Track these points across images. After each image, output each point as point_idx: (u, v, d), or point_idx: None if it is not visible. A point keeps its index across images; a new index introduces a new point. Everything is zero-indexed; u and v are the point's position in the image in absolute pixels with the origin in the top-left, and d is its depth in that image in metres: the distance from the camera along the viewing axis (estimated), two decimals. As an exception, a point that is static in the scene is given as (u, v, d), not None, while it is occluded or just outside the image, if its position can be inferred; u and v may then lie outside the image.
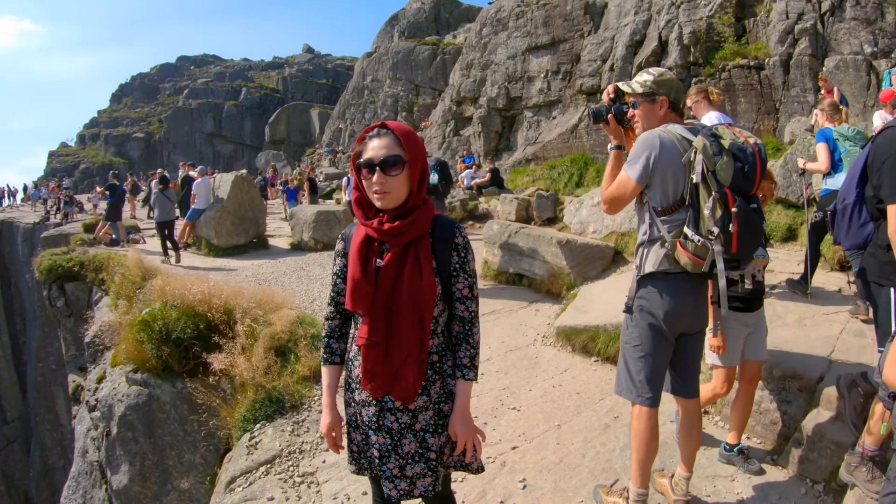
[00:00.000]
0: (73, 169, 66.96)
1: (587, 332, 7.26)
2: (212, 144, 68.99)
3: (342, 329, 2.99)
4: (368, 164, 2.61)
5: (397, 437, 2.71)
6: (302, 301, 10.22)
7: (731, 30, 16.02)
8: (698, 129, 3.51)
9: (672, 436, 4.84)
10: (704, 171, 3.32)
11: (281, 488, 5.27)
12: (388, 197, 2.61)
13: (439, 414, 2.74)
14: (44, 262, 14.78)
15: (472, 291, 2.76)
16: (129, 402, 8.45)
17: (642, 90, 3.70)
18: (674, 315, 3.58)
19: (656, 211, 3.58)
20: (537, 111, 22.25)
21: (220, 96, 72.99)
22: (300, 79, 74.38)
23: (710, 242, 3.31)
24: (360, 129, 41.89)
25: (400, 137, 2.64)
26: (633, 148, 3.62)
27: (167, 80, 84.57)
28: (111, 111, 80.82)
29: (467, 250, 2.76)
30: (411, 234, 2.64)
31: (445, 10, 48.19)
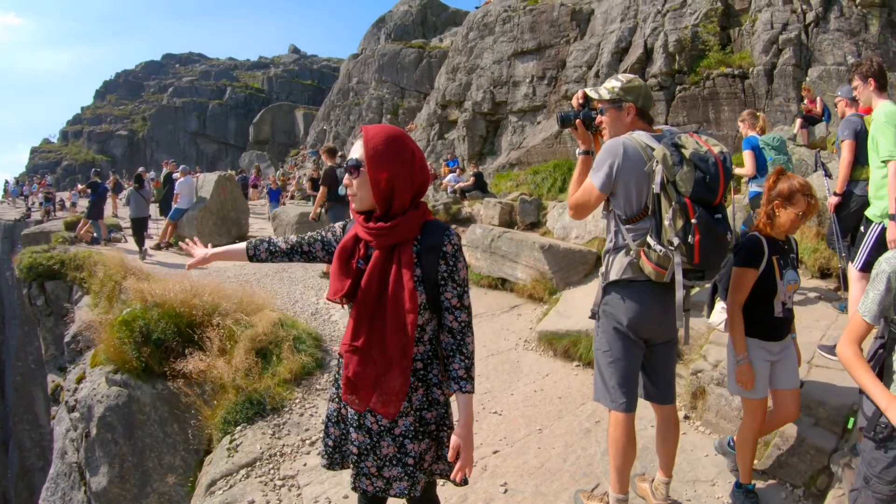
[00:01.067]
0: (56, 166, 66.62)
1: (568, 337, 7.28)
2: (196, 143, 68.75)
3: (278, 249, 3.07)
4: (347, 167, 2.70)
5: (376, 438, 2.71)
6: (284, 303, 10.18)
7: (716, 39, 16.15)
8: (665, 136, 3.50)
9: (653, 440, 4.83)
10: (664, 181, 3.31)
11: (262, 491, 5.25)
12: (356, 199, 2.69)
13: (420, 420, 2.73)
14: (24, 259, 14.66)
15: (461, 301, 2.70)
16: (108, 402, 8.37)
17: (609, 96, 3.71)
18: (637, 322, 3.59)
19: (621, 219, 3.58)
20: (522, 116, 22.32)
21: (205, 95, 72.77)
22: (285, 79, 74.26)
23: (671, 252, 3.31)
24: (344, 130, 41.88)
25: (365, 143, 2.65)
26: (598, 155, 3.63)
27: (152, 77, 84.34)
28: (95, 108, 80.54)
29: (457, 259, 2.70)
30: (393, 238, 2.62)
31: (432, 14, 48.36)
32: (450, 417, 2.87)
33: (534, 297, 9.60)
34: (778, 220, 3.90)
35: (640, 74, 17.26)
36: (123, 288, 10.32)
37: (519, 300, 9.69)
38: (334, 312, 9.74)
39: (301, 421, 6.39)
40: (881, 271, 2.81)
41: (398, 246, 2.63)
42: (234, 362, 7.13)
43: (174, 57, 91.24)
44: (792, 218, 3.83)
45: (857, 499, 2.82)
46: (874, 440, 2.74)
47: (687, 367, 5.64)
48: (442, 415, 2.81)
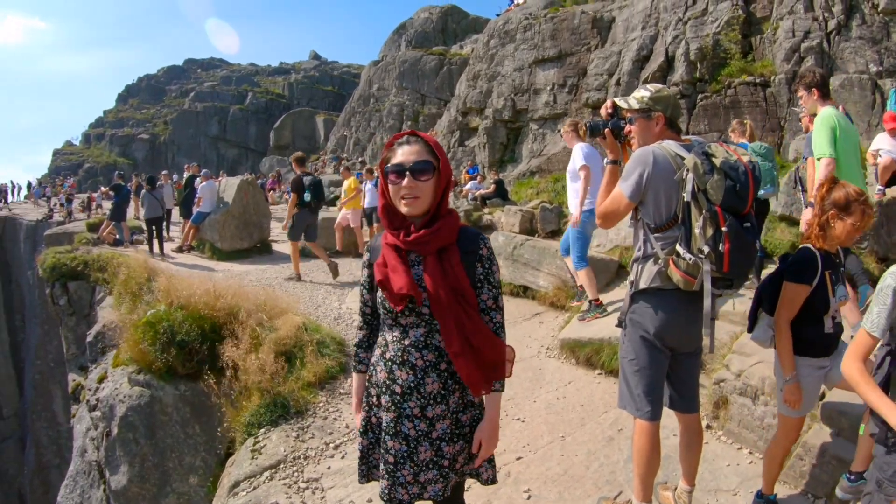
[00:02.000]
0: (78, 168, 67.15)
1: (591, 344, 7.28)
2: (216, 148, 69.00)
3: (370, 339, 3.04)
4: (398, 169, 2.66)
5: (413, 444, 2.73)
6: (306, 307, 10.23)
7: (737, 47, 16.06)
8: (694, 145, 3.52)
9: (676, 449, 4.85)
10: (695, 190, 3.33)
11: (285, 493, 5.30)
12: (416, 203, 2.66)
13: (457, 423, 2.78)
14: (47, 259, 14.82)
15: (496, 303, 2.79)
16: (130, 402, 8.48)
17: (639, 106, 3.74)
18: (664, 330, 3.61)
19: (650, 227, 3.60)
20: (543, 124, 22.26)
21: (226, 100, 73.04)
22: (306, 85, 74.38)
23: (700, 261, 3.32)
24: (365, 136, 41.89)
25: (431, 145, 2.72)
26: (627, 164, 3.65)
27: (174, 82, 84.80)
28: (117, 111, 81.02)
29: (491, 262, 2.79)
30: (437, 244, 2.68)
31: (453, 21, 48.31)
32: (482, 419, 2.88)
33: (556, 305, 9.63)
34: (832, 231, 3.76)
35: (662, 82, 17.16)
36: (147, 289, 10.41)
37: (541, 308, 9.72)
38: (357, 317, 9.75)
39: (325, 424, 6.44)
40: (886, 286, 2.81)
41: (444, 250, 2.70)
42: (259, 364, 7.20)
43: (196, 62, 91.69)
44: (848, 229, 3.70)
45: (870, 502, 2.84)
46: (885, 445, 2.77)
47: (709, 376, 5.64)
48: (476, 417, 2.85)
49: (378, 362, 2.84)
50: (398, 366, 2.73)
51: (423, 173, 2.64)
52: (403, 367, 2.72)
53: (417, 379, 2.70)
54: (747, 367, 5.30)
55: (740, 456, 5.03)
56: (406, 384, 2.71)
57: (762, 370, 5.16)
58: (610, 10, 21.41)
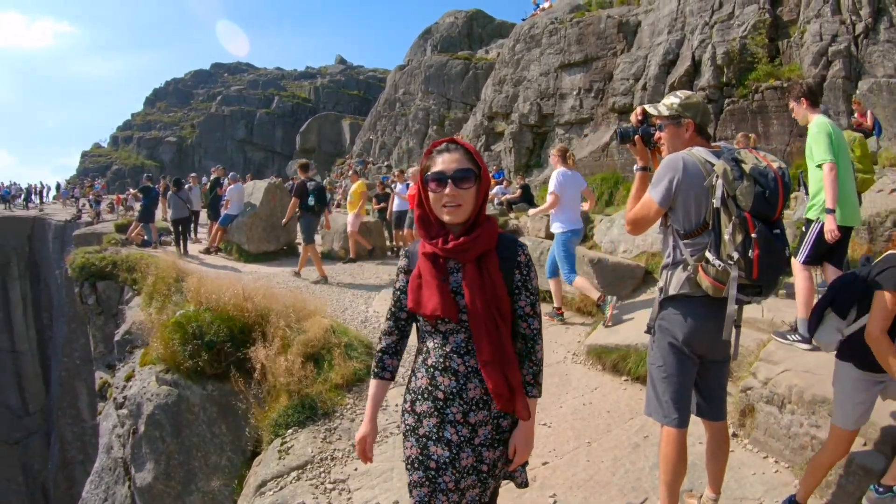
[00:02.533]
0: (105, 169, 67.79)
1: (617, 351, 7.25)
2: (243, 151, 69.44)
3: (398, 346, 3.01)
4: (439, 178, 2.66)
5: (455, 450, 2.71)
6: (333, 310, 10.27)
7: (764, 51, 15.93)
8: (723, 152, 3.51)
9: (702, 457, 4.84)
10: (725, 196, 3.32)
11: (312, 494, 5.34)
12: (458, 211, 2.66)
13: (497, 429, 2.76)
14: (76, 259, 14.99)
15: (534, 309, 2.79)
16: (158, 401, 8.57)
17: (668, 113, 3.74)
18: (693, 337, 3.60)
19: (679, 234, 3.60)
20: (569, 128, 22.25)
21: (253, 104, 73.49)
22: (332, 89, 74.65)
23: (729, 267, 3.31)
24: (391, 140, 42.02)
25: (471, 152, 2.72)
26: (657, 170, 3.66)
27: (201, 86, 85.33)
28: (145, 114, 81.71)
29: (529, 268, 2.79)
30: (476, 251, 2.67)
31: (478, 26, 48.40)
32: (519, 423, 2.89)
33: (582, 311, 9.61)
34: None
35: (688, 87, 17.14)
36: (176, 290, 10.51)
37: (567, 313, 9.69)
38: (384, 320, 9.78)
39: (352, 427, 6.48)
40: None
41: (483, 257, 2.69)
42: (287, 366, 7.25)
43: (223, 66, 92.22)
44: None
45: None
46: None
47: (736, 384, 5.60)
48: (516, 422, 2.82)
49: (419, 368, 2.83)
50: (440, 372, 2.73)
51: (464, 181, 2.65)
52: (445, 372, 2.72)
53: (460, 385, 2.70)
54: (774, 376, 5.25)
55: (766, 465, 4.99)
56: (448, 390, 2.71)
57: (789, 378, 5.12)
58: (636, 14, 21.33)
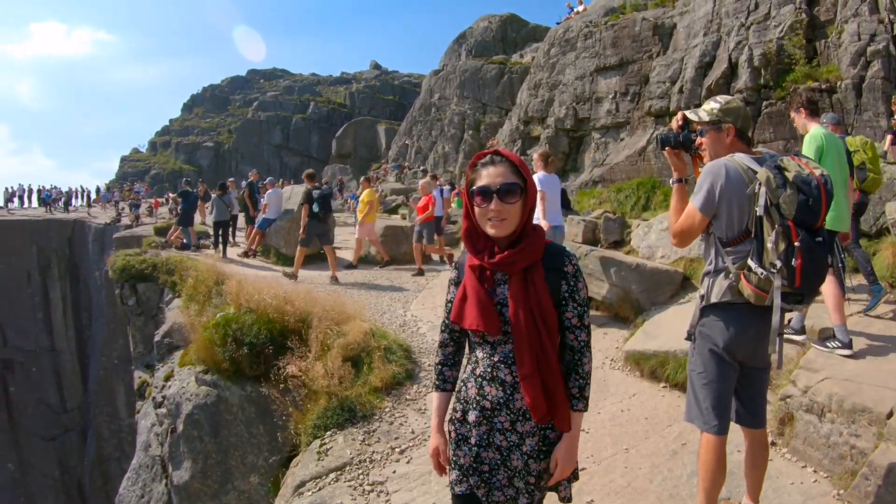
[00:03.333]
0: (144, 174, 68.83)
1: (656, 357, 7.24)
2: (279, 156, 70.01)
3: (455, 357, 3.02)
4: (484, 192, 2.64)
5: (506, 453, 2.73)
6: (372, 314, 10.33)
7: (801, 52, 15.64)
8: (765, 158, 3.52)
9: (740, 465, 4.82)
10: (768, 204, 3.32)
11: (350, 495, 5.40)
12: (504, 225, 2.64)
13: (544, 440, 2.74)
14: (117, 262, 15.29)
15: (581, 321, 2.74)
16: (197, 401, 8.71)
17: (709, 118, 3.76)
18: (734, 344, 3.59)
19: (721, 241, 3.61)
20: (605, 132, 22.10)
21: (289, 109, 74.10)
22: (367, 94, 74.99)
23: (772, 275, 3.30)
24: (426, 145, 42.13)
25: (516, 164, 2.70)
26: (700, 178, 3.66)
27: (237, 92, 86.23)
28: (182, 120, 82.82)
29: (577, 279, 2.74)
30: (523, 263, 2.65)
31: (512, 30, 48.39)
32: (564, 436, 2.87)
33: (619, 317, 9.58)
34: None
35: (725, 89, 16.99)
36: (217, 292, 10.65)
37: (604, 319, 9.68)
38: (422, 325, 9.93)
39: (391, 429, 6.54)
40: None
41: (530, 269, 2.66)
42: (327, 368, 7.33)
43: (259, 72, 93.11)
44: None
45: None
46: None
47: (775, 392, 5.57)
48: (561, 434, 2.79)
49: (469, 378, 2.84)
50: (488, 382, 2.73)
51: (510, 195, 2.63)
52: (493, 382, 2.72)
53: (507, 395, 2.70)
54: (814, 384, 5.21)
55: (804, 474, 4.95)
56: (496, 400, 2.72)
57: (829, 387, 5.08)
58: (671, 16, 21.12)
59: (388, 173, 45.10)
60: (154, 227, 23.54)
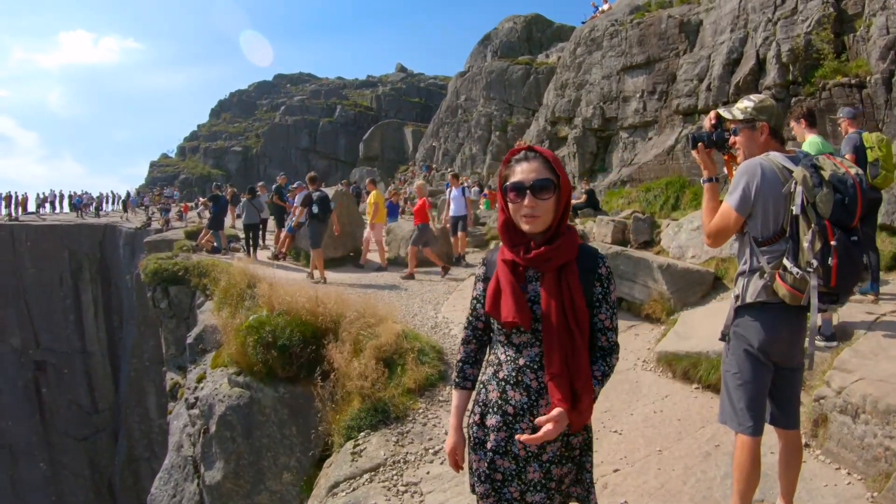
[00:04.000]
0: (173, 179, 69.35)
1: (688, 358, 7.20)
2: (307, 159, 70.21)
3: (477, 355, 2.98)
4: (518, 188, 2.62)
5: (522, 463, 2.66)
6: (403, 316, 10.36)
7: (830, 47, 15.39)
8: (799, 157, 3.51)
9: (773, 467, 4.76)
10: (804, 203, 3.31)
11: (384, 496, 5.45)
12: (538, 221, 2.62)
13: (567, 445, 2.69)
14: (149, 265, 15.50)
15: (612, 322, 2.71)
16: (229, 402, 8.81)
17: (743, 116, 3.75)
18: (769, 345, 3.57)
19: (756, 241, 3.59)
20: (633, 132, 21.99)
21: (316, 113, 74.31)
22: (393, 97, 75.08)
23: (808, 275, 3.29)
24: (453, 147, 42.18)
25: (550, 161, 2.67)
26: (734, 177, 3.64)
27: (264, 96, 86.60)
28: (210, 125, 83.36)
29: (610, 281, 2.71)
30: (558, 261, 2.62)
31: (537, 30, 48.31)
32: (592, 445, 2.85)
33: (651, 318, 9.54)
34: None
35: (753, 86, 16.86)
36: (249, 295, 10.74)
37: (636, 320, 9.66)
38: (454, 327, 9.95)
39: (424, 430, 6.58)
40: None
41: (563, 268, 2.63)
42: (360, 370, 7.38)
43: (285, 77, 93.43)
44: None
45: None
46: None
47: (808, 393, 5.52)
48: (587, 440, 2.79)
49: (490, 381, 2.77)
50: (512, 386, 2.67)
51: (543, 191, 2.60)
52: (517, 387, 2.66)
53: (531, 400, 2.64)
54: (848, 384, 5.17)
55: (838, 476, 4.91)
56: (519, 405, 2.65)
57: (863, 387, 5.04)
58: (697, 12, 20.93)
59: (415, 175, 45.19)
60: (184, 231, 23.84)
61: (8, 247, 41.72)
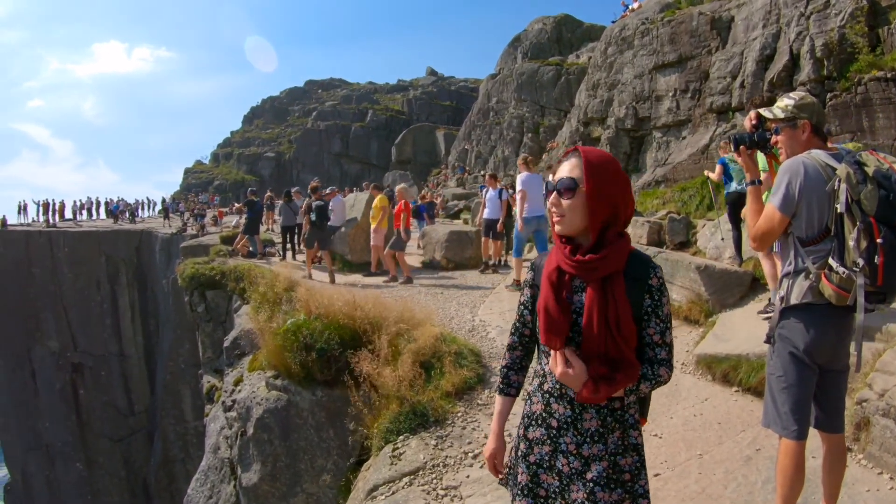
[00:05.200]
0: (207, 185, 70.18)
1: (728, 360, 7.10)
2: (339, 164, 70.66)
3: (523, 361, 2.90)
4: (548, 186, 2.60)
5: (566, 481, 2.54)
6: (440, 319, 10.33)
7: (864, 40, 15.14)
8: (842, 154, 3.46)
9: (815, 471, 4.56)
10: (849, 201, 3.24)
11: (424, 499, 5.44)
12: (564, 221, 2.53)
13: (614, 467, 2.51)
14: (186, 270, 15.74)
15: (663, 338, 2.53)
16: (267, 405, 8.88)
17: (784, 115, 3.70)
18: (814, 347, 3.51)
19: (801, 241, 3.53)
20: (666, 131, 21.87)
21: (347, 118, 74.74)
22: (424, 101, 75.38)
23: (854, 274, 3.23)
24: (486, 149, 42.23)
25: (584, 163, 2.50)
26: (777, 177, 3.59)
27: (296, 102, 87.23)
28: (243, 132, 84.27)
29: (662, 293, 2.53)
30: (603, 270, 2.46)
31: (567, 31, 48.09)
32: (645, 469, 2.63)
33: (689, 320, 9.44)
34: None
35: (788, 82, 16.69)
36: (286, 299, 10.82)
37: (674, 321, 9.51)
38: (491, 329, 9.92)
39: (463, 434, 6.55)
40: None
41: (609, 278, 2.47)
42: (398, 373, 7.39)
43: (316, 83, 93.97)
44: None
45: None
46: None
47: (850, 396, 5.37)
48: (637, 464, 2.58)
49: (535, 393, 2.70)
50: (556, 399, 2.58)
51: (565, 191, 2.51)
52: (561, 400, 2.57)
53: (575, 414, 2.53)
54: (891, 387, 5.08)
55: (881, 481, 4.83)
56: (563, 418, 2.56)
57: (907, 389, 4.96)
58: (728, 9, 20.70)
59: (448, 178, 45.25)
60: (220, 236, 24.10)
61: (46, 253, 43.03)
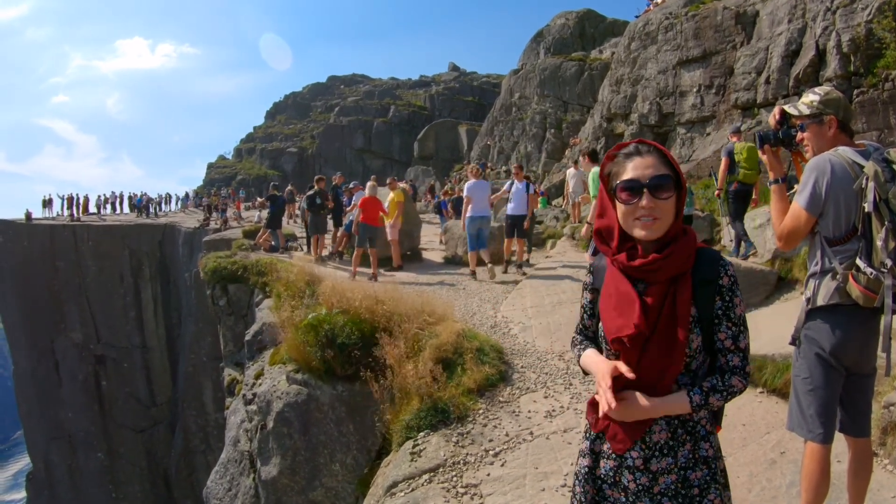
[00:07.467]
0: (231, 179, 70.37)
1: (753, 361, 6.80)
2: (362, 159, 70.79)
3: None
4: (633, 186, 2.24)
5: (632, 497, 2.33)
6: (462, 315, 10.31)
7: (892, 35, 14.91)
8: (870, 151, 3.38)
9: (840, 476, 4.43)
10: (877, 200, 3.18)
11: (444, 497, 5.39)
12: (657, 224, 2.23)
13: (684, 481, 2.30)
14: (209, 263, 15.68)
15: (735, 343, 2.27)
16: (287, 399, 8.87)
17: (809, 111, 3.59)
18: (841, 349, 3.44)
19: (828, 241, 3.46)
20: (690, 127, 21.74)
21: (370, 114, 74.96)
22: (447, 96, 75.50)
23: (882, 275, 3.16)
24: (508, 145, 42.13)
25: (666, 155, 2.30)
26: (803, 175, 3.51)
27: (318, 98, 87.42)
28: (266, 127, 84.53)
29: (733, 293, 2.28)
30: (668, 272, 2.25)
31: (590, 26, 47.88)
32: (717, 483, 2.34)
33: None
34: None
35: (814, 78, 16.51)
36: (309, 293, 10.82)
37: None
38: (513, 326, 9.88)
39: (484, 432, 6.49)
40: None
41: (676, 279, 2.26)
42: (419, 369, 7.34)
43: (339, 79, 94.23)
44: None
45: None
46: None
47: (877, 400, 5.24)
48: (707, 478, 2.32)
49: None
50: None
51: (662, 190, 2.22)
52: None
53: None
54: (919, 390, 4.98)
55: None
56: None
57: (935, 393, 4.86)
58: (753, 3, 20.49)
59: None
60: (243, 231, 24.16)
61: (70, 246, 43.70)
